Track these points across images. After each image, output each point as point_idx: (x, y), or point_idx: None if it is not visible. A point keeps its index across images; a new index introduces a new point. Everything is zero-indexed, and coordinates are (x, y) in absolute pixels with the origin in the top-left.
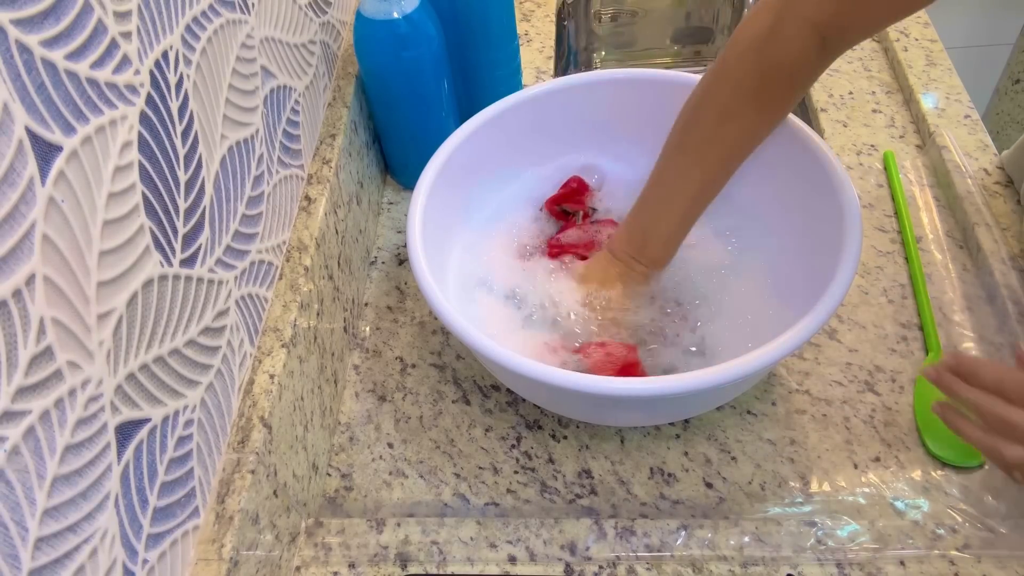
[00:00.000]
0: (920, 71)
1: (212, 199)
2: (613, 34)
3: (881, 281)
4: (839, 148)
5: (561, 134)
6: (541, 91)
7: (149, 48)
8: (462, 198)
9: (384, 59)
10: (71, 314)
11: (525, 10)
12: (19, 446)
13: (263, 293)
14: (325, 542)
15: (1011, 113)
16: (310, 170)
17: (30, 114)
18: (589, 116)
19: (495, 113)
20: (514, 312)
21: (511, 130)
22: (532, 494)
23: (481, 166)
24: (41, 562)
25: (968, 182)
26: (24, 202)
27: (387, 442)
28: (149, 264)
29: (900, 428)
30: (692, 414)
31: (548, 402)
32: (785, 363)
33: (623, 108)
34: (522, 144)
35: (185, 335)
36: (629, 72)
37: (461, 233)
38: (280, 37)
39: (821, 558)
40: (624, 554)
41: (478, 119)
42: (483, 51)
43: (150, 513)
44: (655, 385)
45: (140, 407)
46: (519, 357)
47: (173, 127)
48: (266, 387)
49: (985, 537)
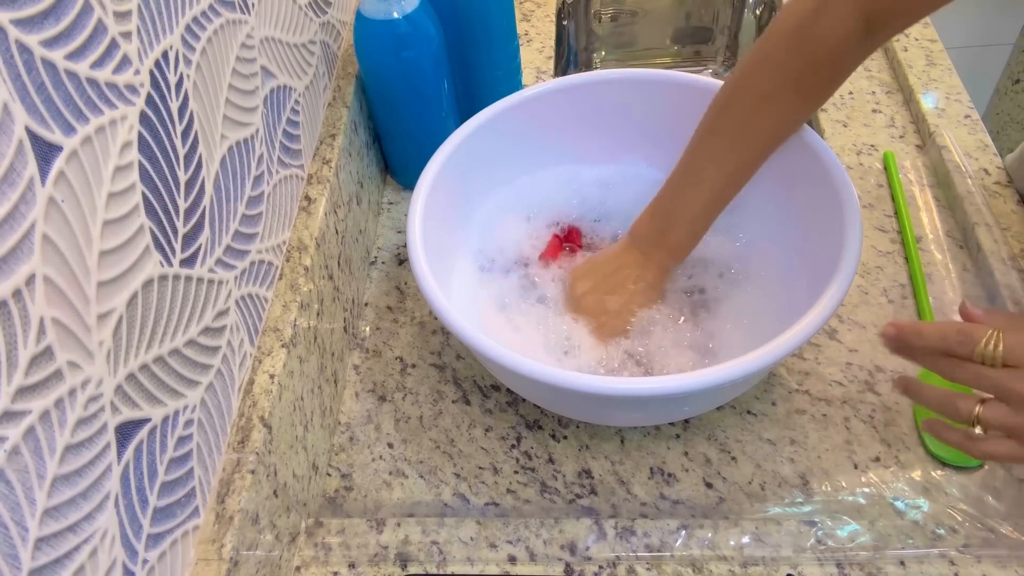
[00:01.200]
0: (920, 71)
1: (212, 199)
2: (613, 34)
3: (881, 281)
4: (839, 148)
5: (561, 134)
6: (541, 91)
7: (149, 48)
8: (462, 198)
9: (384, 59)
10: (71, 314)
11: (525, 10)
12: (19, 446)
13: (263, 293)
14: (325, 542)
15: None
16: (310, 170)
17: (30, 114)
18: (589, 116)
19: (495, 113)
20: (514, 311)
21: (511, 130)
22: (532, 494)
23: (481, 166)
24: (41, 562)
25: (968, 182)
26: (24, 202)
27: (387, 442)
28: (149, 264)
29: (900, 428)
30: (692, 414)
31: (548, 402)
32: (785, 363)
33: (623, 108)
34: (522, 144)
35: (185, 335)
36: (629, 72)
37: (461, 233)
38: (280, 37)
39: (821, 558)
40: (624, 554)
41: (478, 119)
42: (483, 51)
43: (150, 513)
44: (655, 385)
45: (140, 407)
46: (519, 357)
47: (173, 127)
48: (266, 387)
49: (985, 537)
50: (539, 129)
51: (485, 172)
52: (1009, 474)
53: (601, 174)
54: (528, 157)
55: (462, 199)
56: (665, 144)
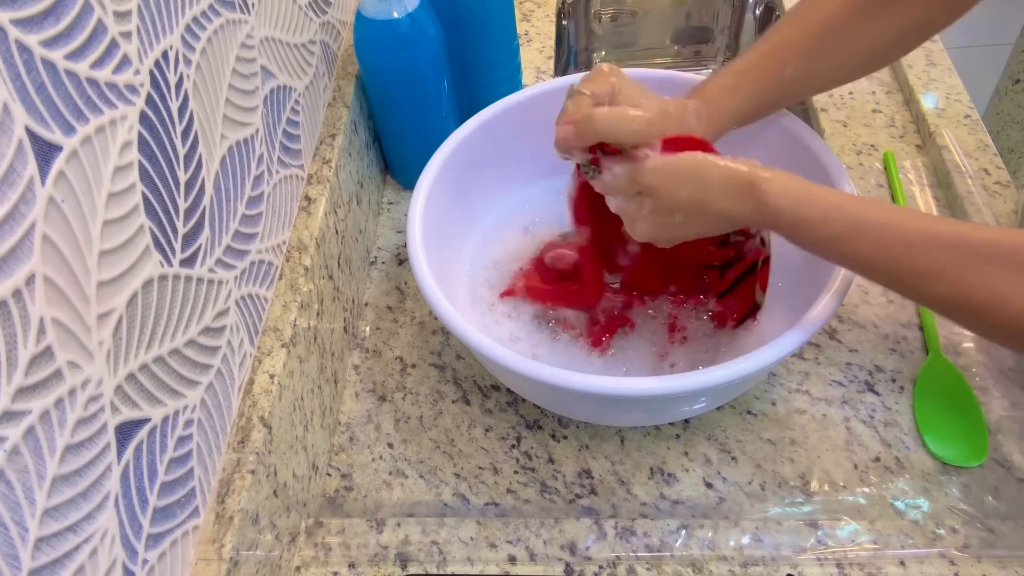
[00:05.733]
0: (920, 71)
1: (212, 199)
2: (613, 34)
3: None
4: (839, 148)
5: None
6: (541, 91)
7: (149, 48)
8: (462, 198)
9: (384, 59)
10: (71, 314)
11: (525, 10)
12: (19, 446)
13: (263, 293)
14: (325, 542)
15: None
16: (310, 170)
17: (30, 114)
18: None
19: (495, 113)
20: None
21: (511, 130)
22: (532, 494)
23: (481, 166)
24: (41, 562)
25: (968, 182)
26: (24, 202)
27: (387, 442)
28: (149, 264)
29: (900, 428)
30: (692, 414)
31: (548, 402)
32: (785, 363)
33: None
34: (522, 144)
35: (185, 335)
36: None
37: (461, 232)
38: (280, 37)
39: (821, 558)
40: (624, 554)
41: (478, 119)
42: (483, 51)
43: (150, 513)
44: (655, 385)
45: (140, 407)
46: (519, 357)
47: (173, 127)
48: (266, 387)
49: (985, 537)
50: (539, 129)
51: (485, 172)
52: (1009, 474)
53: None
54: (528, 157)
55: (462, 199)
56: None
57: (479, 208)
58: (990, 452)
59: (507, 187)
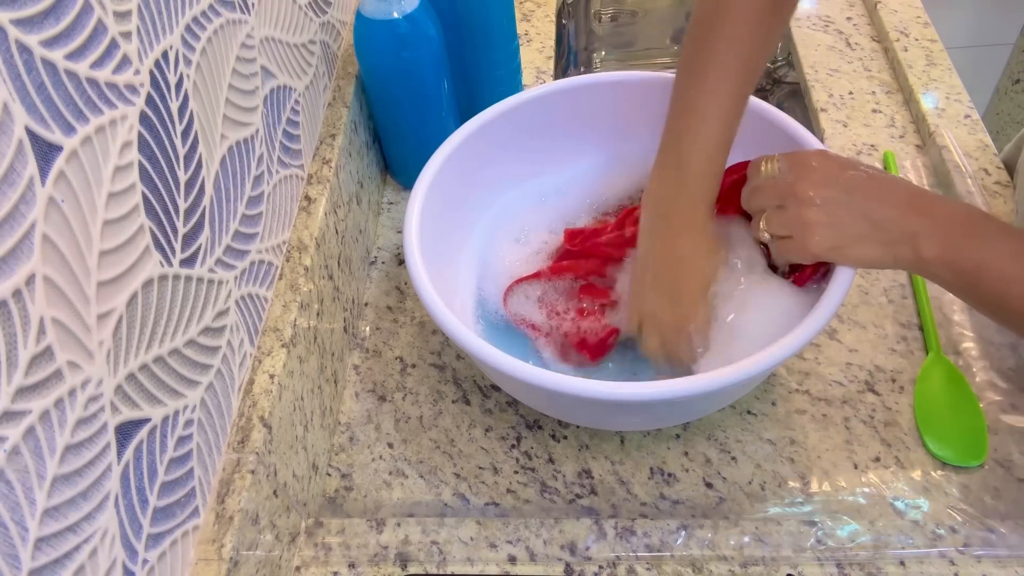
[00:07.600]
0: (920, 71)
1: (212, 199)
2: (613, 34)
3: (881, 281)
4: (839, 148)
5: (561, 135)
6: (542, 92)
7: (149, 48)
8: (461, 199)
9: (384, 59)
10: (71, 314)
11: (525, 10)
12: (19, 446)
13: (263, 293)
14: (325, 542)
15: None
16: (310, 170)
17: (30, 114)
18: (590, 117)
19: (495, 114)
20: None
21: (511, 131)
22: (532, 494)
23: (481, 167)
24: (41, 562)
25: (968, 182)
26: (24, 202)
27: (387, 442)
28: (149, 264)
29: (900, 428)
30: (692, 418)
31: (547, 407)
32: (785, 363)
33: (624, 109)
34: (522, 145)
35: (185, 335)
36: (630, 74)
37: (460, 233)
38: (280, 37)
39: (821, 558)
40: (624, 554)
41: (478, 120)
42: (483, 51)
43: (150, 513)
44: (654, 390)
45: (140, 407)
46: (517, 361)
47: (173, 127)
48: (266, 387)
49: (985, 537)
50: (539, 130)
51: (485, 173)
52: (1009, 474)
53: (600, 173)
54: (528, 158)
55: (461, 199)
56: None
57: (478, 208)
58: (990, 452)
59: (507, 187)
